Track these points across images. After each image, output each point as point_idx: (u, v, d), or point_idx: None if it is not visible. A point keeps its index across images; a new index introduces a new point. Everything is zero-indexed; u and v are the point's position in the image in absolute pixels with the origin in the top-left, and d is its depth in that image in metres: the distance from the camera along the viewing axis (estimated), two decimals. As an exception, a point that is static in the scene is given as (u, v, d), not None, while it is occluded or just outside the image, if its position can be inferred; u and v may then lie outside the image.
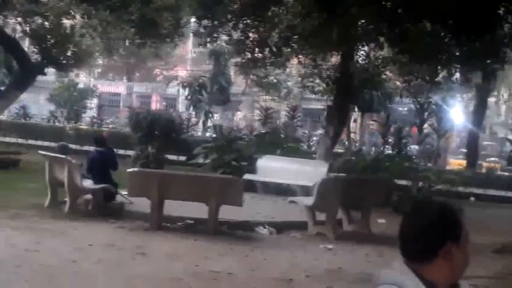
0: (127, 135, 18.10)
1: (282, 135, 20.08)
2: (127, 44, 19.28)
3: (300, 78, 22.11)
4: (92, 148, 11.37)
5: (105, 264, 6.99)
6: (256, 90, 31.84)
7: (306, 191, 12.34)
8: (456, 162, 23.05)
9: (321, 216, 10.16)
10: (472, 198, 16.25)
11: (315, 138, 23.71)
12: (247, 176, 13.92)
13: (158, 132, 15.27)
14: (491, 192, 16.61)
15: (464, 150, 22.55)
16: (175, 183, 9.55)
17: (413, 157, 19.27)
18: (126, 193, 10.02)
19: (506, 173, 19.74)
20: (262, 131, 18.50)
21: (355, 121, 26.77)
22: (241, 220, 10.10)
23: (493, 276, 7.77)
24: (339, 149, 20.57)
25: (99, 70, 40.02)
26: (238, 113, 35.90)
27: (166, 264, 7.18)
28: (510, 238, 9.70)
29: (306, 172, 13.42)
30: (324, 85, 18.84)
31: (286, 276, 7.03)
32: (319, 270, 7.39)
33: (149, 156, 14.88)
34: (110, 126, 27.45)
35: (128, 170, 9.66)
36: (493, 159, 24.08)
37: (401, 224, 2.21)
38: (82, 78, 33.60)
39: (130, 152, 16.58)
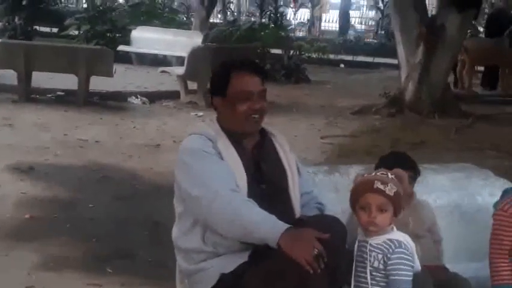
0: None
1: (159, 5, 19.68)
2: None
3: None
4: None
5: (-30, 137, 6.96)
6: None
7: (181, 61, 12.44)
8: (331, 31, 23.73)
9: (194, 85, 10.41)
10: (342, 65, 17.01)
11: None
12: (121, 47, 13.82)
13: (25, 2, 14.54)
14: (360, 58, 17.42)
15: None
16: (42, 54, 9.35)
17: (290, 27, 19.65)
18: (-9, 66, 9.72)
19: (375, 40, 20.66)
20: (137, 1, 18.03)
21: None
22: (113, 91, 10.18)
23: (348, 134, 8.44)
24: (216, 20, 20.61)
25: None
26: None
27: (34, 134, 7.23)
28: (369, 100, 10.40)
29: (181, 43, 13.46)
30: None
31: (154, 142, 7.31)
32: (185, 135, 7.70)
33: (17, 27, 14.27)
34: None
35: (-10, 42, 9.35)
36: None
37: None
38: None
39: (-2, 25, 15.79)
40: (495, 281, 2.71)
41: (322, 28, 23.56)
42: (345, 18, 21.81)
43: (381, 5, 22.21)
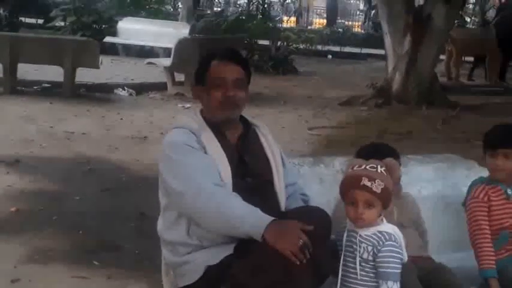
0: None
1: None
2: None
3: None
4: None
5: (-45, 129, 6.90)
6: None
7: (168, 52, 12.38)
8: (319, 22, 23.74)
9: (181, 77, 10.38)
10: (330, 56, 17.02)
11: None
12: (108, 39, 13.74)
13: (11, -6, 14.44)
14: (347, 49, 17.44)
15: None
16: (28, 45, 9.26)
17: (277, 18, 19.60)
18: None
19: (362, 31, 20.67)
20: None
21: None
22: (100, 82, 10.13)
23: (336, 125, 8.46)
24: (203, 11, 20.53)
25: None
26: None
27: (19, 126, 7.17)
28: (356, 91, 10.42)
29: (167, 34, 13.40)
30: None
31: (141, 134, 7.27)
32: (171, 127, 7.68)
33: (2, 19, 14.16)
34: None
35: (-25, 34, 9.25)
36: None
37: None
38: None
39: (-17, 16, 15.63)
40: (484, 265, 2.74)
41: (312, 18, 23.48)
42: (333, 8, 21.77)
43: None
